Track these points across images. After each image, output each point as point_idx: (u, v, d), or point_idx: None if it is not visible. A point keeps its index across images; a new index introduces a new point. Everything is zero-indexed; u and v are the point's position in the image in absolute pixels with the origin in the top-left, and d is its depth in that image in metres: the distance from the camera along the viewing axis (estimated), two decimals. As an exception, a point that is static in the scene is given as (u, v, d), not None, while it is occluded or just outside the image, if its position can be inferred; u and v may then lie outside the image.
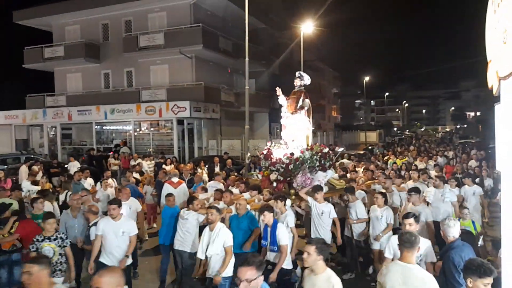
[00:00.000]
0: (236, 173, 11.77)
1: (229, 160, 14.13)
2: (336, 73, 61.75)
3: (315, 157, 8.03)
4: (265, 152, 8.68)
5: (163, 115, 21.29)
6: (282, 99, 8.74)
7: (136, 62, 23.94)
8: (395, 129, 77.76)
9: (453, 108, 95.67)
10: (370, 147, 27.00)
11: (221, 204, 6.86)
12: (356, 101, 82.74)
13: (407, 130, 75.15)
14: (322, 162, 8.16)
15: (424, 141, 34.79)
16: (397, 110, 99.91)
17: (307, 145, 8.36)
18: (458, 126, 78.96)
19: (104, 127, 24.39)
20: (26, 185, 10.31)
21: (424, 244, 4.54)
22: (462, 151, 20.20)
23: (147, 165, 15.31)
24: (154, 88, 23.33)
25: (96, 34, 25.23)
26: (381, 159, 15.04)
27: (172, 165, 13.87)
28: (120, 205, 5.79)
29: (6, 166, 17.00)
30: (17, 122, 25.37)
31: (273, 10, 30.31)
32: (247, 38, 15.15)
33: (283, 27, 31.33)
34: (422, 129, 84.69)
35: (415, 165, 13.11)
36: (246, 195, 7.47)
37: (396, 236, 4.51)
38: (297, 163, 7.82)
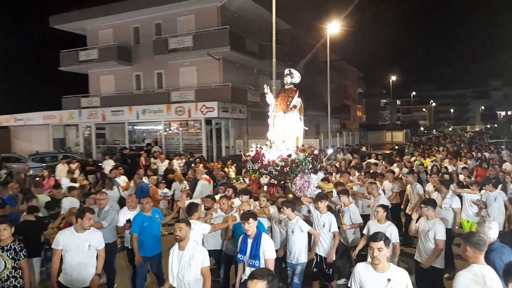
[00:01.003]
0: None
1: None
2: (360, 72, 61.19)
3: (308, 159, 7.59)
4: (252, 153, 7.96)
5: (192, 115, 21.91)
6: (270, 98, 8.20)
7: (165, 64, 24.71)
8: (422, 128, 76.21)
9: (482, 107, 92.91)
10: (396, 147, 26.72)
11: (219, 212, 6.21)
12: (382, 100, 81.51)
13: (435, 130, 73.53)
14: (315, 164, 7.73)
15: (450, 141, 33.75)
16: (424, 109, 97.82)
17: (297, 147, 7.84)
18: (488, 126, 76.66)
19: (135, 127, 25.28)
20: (65, 182, 10.96)
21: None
22: (497, 151, 19.18)
23: (178, 163, 15.86)
24: (183, 89, 24.03)
25: (128, 37, 26.21)
26: (409, 160, 14.75)
27: (201, 164, 14.34)
28: (93, 213, 5.06)
29: (44, 164, 17.98)
30: (54, 122, 26.60)
31: (298, 11, 30.52)
32: (274, 39, 15.47)
33: (308, 27, 31.49)
34: (450, 129, 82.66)
35: (445, 167, 12.39)
36: (236, 201, 6.70)
37: (360, 264, 3.83)
38: (293, 165, 7.32)
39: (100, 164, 17.76)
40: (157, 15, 24.69)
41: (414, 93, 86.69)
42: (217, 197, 6.84)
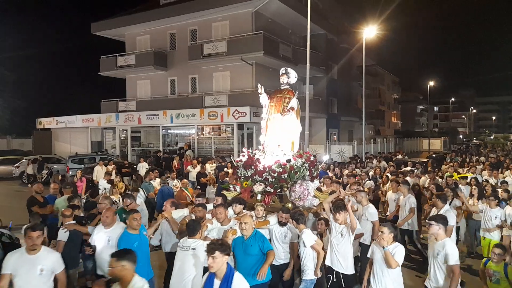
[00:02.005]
0: None
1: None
2: (396, 77, 59.82)
3: (305, 165, 7.01)
4: (244, 159, 7.25)
5: (224, 120, 22.07)
6: (263, 98, 7.65)
7: (200, 69, 25.11)
8: (461, 136, 73.23)
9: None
10: (434, 155, 25.67)
11: (214, 223, 5.44)
12: (418, 106, 79.18)
13: (475, 138, 70.46)
14: (312, 170, 7.12)
15: (490, 150, 31.72)
16: (463, 116, 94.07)
17: (292, 151, 7.24)
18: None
19: (169, 131, 25.76)
20: (102, 183, 11.34)
21: None
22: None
23: (210, 167, 16.01)
24: (216, 94, 24.30)
25: (164, 43, 26.85)
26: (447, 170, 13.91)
27: (232, 169, 14.36)
28: (42, 230, 4.24)
29: (83, 166, 18.67)
30: (93, 125, 27.60)
31: (332, 16, 30.23)
32: (308, 44, 15.35)
33: (342, 32, 31.13)
34: (492, 137, 78.89)
35: (486, 180, 11.24)
36: (229, 210, 5.93)
37: None
38: (292, 171, 6.69)
39: (135, 166, 18.23)
40: (192, 21, 25.12)
41: (453, 99, 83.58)
42: (209, 206, 6.12)
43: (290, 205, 6.42)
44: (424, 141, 44.60)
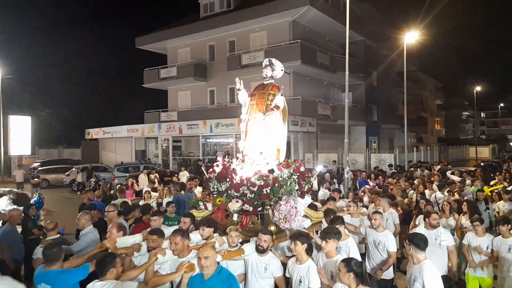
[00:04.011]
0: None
1: (327, 174, 14.11)
2: (439, 83, 57.78)
3: (294, 177, 5.68)
4: (218, 169, 5.93)
5: (262, 129, 22.17)
6: (243, 95, 6.43)
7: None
8: (511, 144, 69.00)
9: None
10: (482, 163, 24.37)
11: (168, 255, 4.15)
12: (463, 113, 75.68)
13: (527, 145, 66.15)
14: (303, 184, 5.82)
15: None
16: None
17: (278, 160, 5.91)
18: None
19: (208, 140, 26.34)
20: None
21: None
22: None
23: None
24: (254, 103, 24.56)
25: (204, 54, 27.61)
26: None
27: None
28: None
29: (127, 174, 19.46)
30: (137, 135, 28.75)
31: (371, 22, 29.79)
32: (347, 52, 15.25)
33: (380, 38, 30.59)
34: (547, 144, 73.68)
35: None
36: (194, 236, 4.68)
37: None
38: (276, 185, 5.40)
39: (176, 175, 18.74)
40: (231, 33, 25.70)
41: (502, 104, 79.15)
42: (167, 230, 4.71)
43: (273, 227, 5.12)
44: (471, 149, 42.46)
